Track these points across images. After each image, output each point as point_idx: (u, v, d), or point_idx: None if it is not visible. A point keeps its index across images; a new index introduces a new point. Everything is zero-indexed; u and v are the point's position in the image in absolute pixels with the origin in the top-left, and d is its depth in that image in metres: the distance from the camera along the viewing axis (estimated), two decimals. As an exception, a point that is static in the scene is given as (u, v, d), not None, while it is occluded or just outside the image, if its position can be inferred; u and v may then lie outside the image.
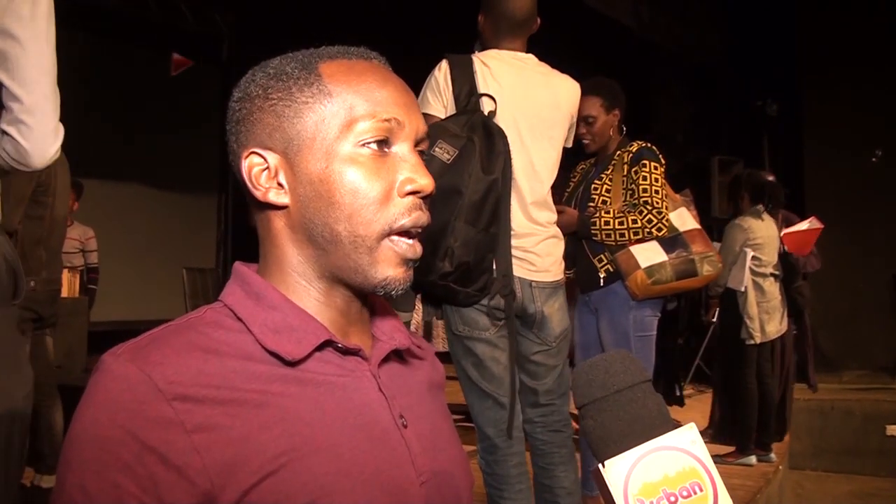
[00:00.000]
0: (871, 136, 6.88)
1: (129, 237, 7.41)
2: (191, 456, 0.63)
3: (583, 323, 3.13)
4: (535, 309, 2.27)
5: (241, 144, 0.77)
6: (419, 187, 0.75)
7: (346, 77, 0.75)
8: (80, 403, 0.66)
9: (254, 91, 0.77)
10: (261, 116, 0.76)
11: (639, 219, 2.82)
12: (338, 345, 0.75)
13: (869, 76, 6.72)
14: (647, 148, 2.95)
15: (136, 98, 7.27)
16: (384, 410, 0.75)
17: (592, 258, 2.96)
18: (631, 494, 0.54)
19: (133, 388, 0.64)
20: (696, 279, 2.95)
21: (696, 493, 0.55)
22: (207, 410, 0.65)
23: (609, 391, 0.58)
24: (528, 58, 2.34)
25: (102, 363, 0.67)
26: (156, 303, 6.96)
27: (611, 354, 0.60)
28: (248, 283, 0.76)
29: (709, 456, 0.56)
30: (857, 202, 6.89)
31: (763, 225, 4.35)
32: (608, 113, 3.02)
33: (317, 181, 0.73)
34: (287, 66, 0.76)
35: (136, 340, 0.69)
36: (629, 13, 6.21)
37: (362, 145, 0.73)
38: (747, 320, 4.28)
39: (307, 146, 0.74)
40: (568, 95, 2.36)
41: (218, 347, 0.70)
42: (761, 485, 3.89)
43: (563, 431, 2.38)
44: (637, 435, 0.56)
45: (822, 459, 6.06)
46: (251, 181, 0.75)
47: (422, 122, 0.78)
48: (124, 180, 7.52)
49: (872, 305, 6.83)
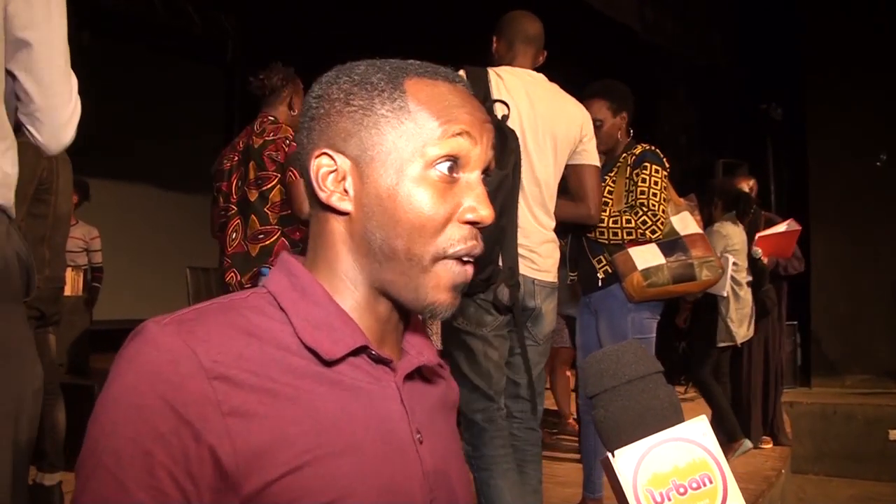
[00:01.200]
0: (875, 140, 6.87)
1: (133, 236, 7.42)
2: (222, 437, 0.63)
3: (583, 324, 3.13)
4: (534, 304, 2.39)
5: (313, 142, 0.77)
6: (479, 218, 0.76)
7: (429, 98, 0.76)
8: (118, 367, 0.66)
9: (335, 94, 0.77)
10: (338, 120, 0.76)
11: (633, 219, 2.84)
12: (371, 352, 0.76)
13: (873, 80, 6.71)
14: (651, 151, 2.95)
15: (141, 98, 7.29)
16: (404, 424, 0.76)
17: (592, 259, 2.97)
18: (640, 485, 0.54)
19: (177, 361, 0.64)
20: (695, 283, 2.95)
21: (706, 485, 0.55)
22: (244, 395, 0.65)
23: (620, 381, 0.58)
24: (539, 76, 2.49)
25: (146, 331, 0.67)
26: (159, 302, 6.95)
27: (623, 345, 0.60)
28: (296, 276, 0.76)
29: (719, 448, 0.56)
30: (861, 206, 6.88)
31: (737, 231, 4.47)
32: (615, 116, 3.02)
33: (384, 196, 0.74)
34: (373, 76, 0.76)
35: (180, 313, 0.70)
36: (633, 15, 6.20)
37: (433, 167, 0.74)
38: (730, 323, 4.37)
39: (380, 159, 0.74)
40: (574, 116, 2.48)
41: (258, 333, 0.70)
42: (763, 488, 3.88)
43: (537, 431, 2.50)
44: (648, 425, 0.56)
45: (824, 464, 6.05)
46: (317, 181, 0.76)
47: (491, 150, 0.79)
48: (128, 180, 7.53)
49: (875, 309, 6.81)
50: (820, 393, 6.69)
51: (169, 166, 7.69)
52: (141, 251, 7.44)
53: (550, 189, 2.44)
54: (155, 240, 7.71)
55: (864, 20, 6.76)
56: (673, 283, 2.87)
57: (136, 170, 7.52)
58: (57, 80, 1.42)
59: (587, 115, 2.54)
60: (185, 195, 8.19)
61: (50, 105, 1.42)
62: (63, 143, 1.47)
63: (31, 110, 1.42)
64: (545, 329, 2.44)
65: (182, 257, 6.94)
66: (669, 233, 2.91)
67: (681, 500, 0.54)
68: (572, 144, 2.47)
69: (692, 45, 7.16)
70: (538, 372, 2.47)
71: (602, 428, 0.58)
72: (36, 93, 1.40)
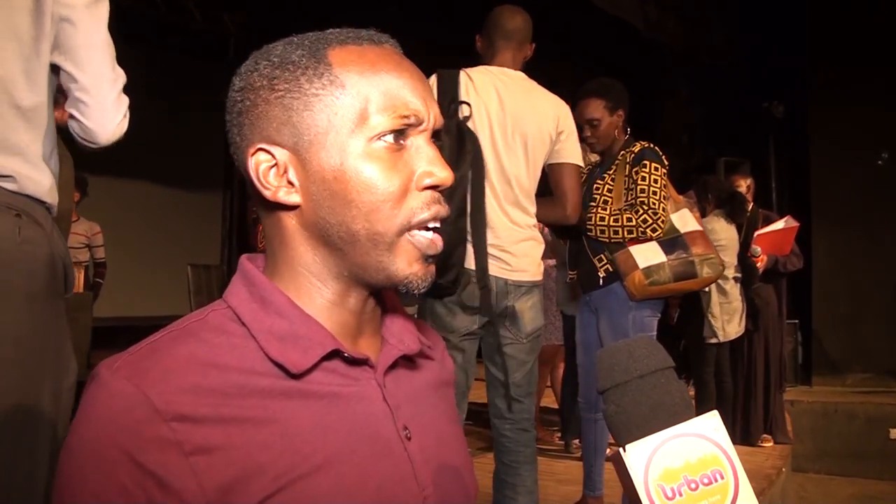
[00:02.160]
0: (877, 138, 6.86)
1: (135, 233, 7.42)
2: (188, 479, 0.61)
3: (584, 322, 3.13)
4: (507, 304, 2.37)
5: (246, 139, 0.72)
6: (438, 181, 0.72)
7: (359, 66, 0.70)
8: (78, 415, 0.64)
9: (258, 81, 0.71)
10: (266, 109, 0.71)
11: (634, 218, 2.83)
12: (345, 354, 0.72)
13: (876, 78, 6.70)
14: (650, 149, 2.95)
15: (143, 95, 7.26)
16: (388, 422, 0.73)
17: (592, 257, 2.97)
18: (651, 479, 0.54)
19: (130, 409, 0.61)
20: (695, 281, 2.95)
21: (718, 481, 0.55)
22: (206, 430, 0.62)
23: (632, 376, 0.57)
24: (516, 74, 2.48)
25: (99, 377, 0.64)
26: (160, 299, 6.97)
27: (635, 339, 0.60)
28: (255, 285, 0.72)
29: (731, 444, 0.56)
30: (863, 204, 6.87)
31: (726, 228, 4.50)
32: (612, 114, 3.01)
33: (330, 179, 0.69)
34: (293, 54, 0.71)
35: (133, 351, 0.66)
36: (636, 14, 6.20)
37: (378, 139, 0.69)
38: (711, 319, 4.43)
39: (319, 141, 0.69)
40: (548, 112, 2.44)
41: (218, 360, 0.66)
42: (764, 487, 3.88)
43: (530, 431, 2.47)
44: (659, 420, 0.55)
45: (824, 462, 6.05)
46: (259, 180, 0.71)
47: (438, 111, 0.74)
48: (130, 177, 7.53)
49: (877, 308, 6.81)
50: (821, 391, 6.69)
51: (171, 164, 7.69)
52: (142, 248, 7.44)
53: (524, 187, 2.41)
54: (156, 237, 7.71)
55: (867, 18, 6.75)
56: (674, 281, 2.87)
57: (138, 167, 7.51)
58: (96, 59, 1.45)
59: (565, 112, 2.49)
60: (186, 192, 8.19)
61: (95, 84, 1.45)
62: (110, 130, 1.49)
63: (75, 94, 1.45)
64: (527, 327, 2.41)
65: (183, 255, 6.96)
66: (669, 230, 2.90)
67: (692, 495, 0.54)
68: (547, 142, 2.44)
69: (694, 43, 7.15)
70: (526, 370, 2.45)
71: (613, 422, 0.57)
72: (79, 74, 1.44)
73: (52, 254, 1.42)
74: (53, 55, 1.43)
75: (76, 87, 1.44)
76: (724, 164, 6.92)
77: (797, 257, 4.94)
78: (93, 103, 1.45)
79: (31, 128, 1.40)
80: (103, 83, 1.46)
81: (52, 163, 1.47)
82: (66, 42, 1.43)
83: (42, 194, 1.42)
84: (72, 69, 1.43)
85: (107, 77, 1.47)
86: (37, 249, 1.39)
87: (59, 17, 1.42)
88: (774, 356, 4.92)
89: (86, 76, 1.44)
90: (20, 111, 1.38)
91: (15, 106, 1.37)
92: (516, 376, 2.43)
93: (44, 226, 1.42)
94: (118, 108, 1.49)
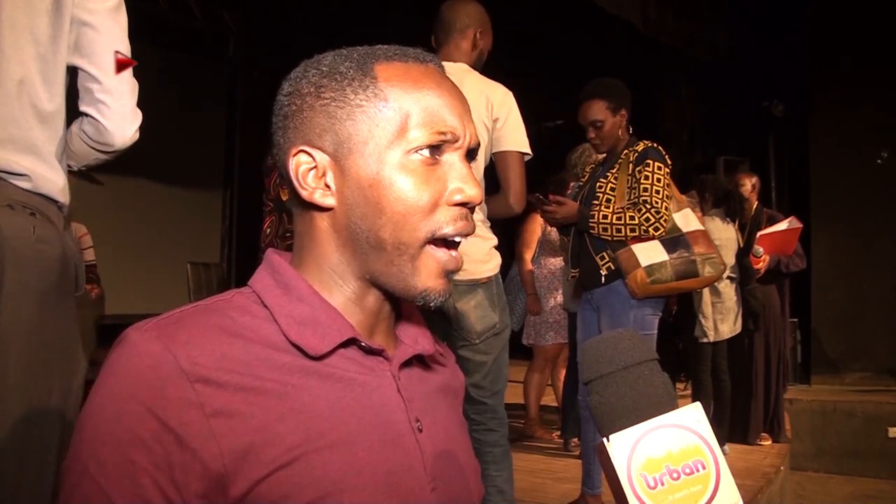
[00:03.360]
0: (877, 138, 6.87)
1: (135, 232, 7.42)
2: (207, 440, 0.63)
3: (585, 320, 3.14)
4: (447, 305, 2.31)
5: (289, 141, 0.76)
6: (468, 198, 0.74)
7: (402, 82, 0.74)
8: (103, 372, 0.66)
9: (305, 88, 0.75)
10: (311, 115, 0.74)
11: (636, 216, 2.84)
12: (361, 343, 0.75)
13: (876, 77, 6.70)
14: (653, 148, 2.95)
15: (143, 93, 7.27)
16: (401, 413, 0.75)
17: (594, 255, 2.97)
18: (634, 469, 0.55)
19: (157, 366, 0.64)
20: (697, 280, 2.95)
21: (699, 471, 0.56)
22: (228, 396, 0.65)
23: (616, 367, 0.58)
24: (455, 66, 2.39)
25: (127, 337, 0.67)
26: (160, 297, 6.96)
27: (619, 332, 0.61)
28: (279, 273, 0.76)
29: (713, 435, 0.57)
30: (862, 203, 6.87)
31: (722, 227, 4.48)
32: (615, 115, 3.02)
33: (366, 186, 0.72)
34: (342, 66, 0.75)
35: (163, 317, 0.69)
36: (636, 13, 6.19)
37: (415, 152, 0.73)
38: (701, 318, 4.45)
39: (358, 150, 0.73)
40: (478, 100, 2.32)
41: (243, 333, 0.69)
42: (762, 485, 3.89)
43: (497, 431, 2.40)
44: (642, 411, 0.56)
45: (823, 461, 6.05)
46: (298, 180, 0.74)
47: (474, 131, 0.77)
48: (130, 175, 7.52)
49: (876, 307, 6.81)
50: (820, 390, 6.69)
51: (171, 161, 7.69)
52: (142, 247, 7.44)
53: None
54: (156, 235, 7.70)
55: (867, 18, 6.75)
56: (676, 280, 2.88)
57: (138, 165, 7.50)
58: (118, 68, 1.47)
59: (500, 98, 2.38)
60: (186, 191, 8.18)
61: (118, 88, 1.47)
62: (128, 135, 1.52)
63: (95, 94, 1.47)
64: (475, 328, 2.34)
65: (183, 253, 6.96)
66: (672, 229, 2.91)
67: (674, 484, 0.55)
68: (482, 131, 2.33)
69: (695, 42, 7.15)
70: (485, 371, 2.37)
71: (597, 413, 0.58)
72: (103, 76, 1.46)
73: (65, 253, 1.44)
74: (73, 57, 1.45)
75: (99, 88, 1.46)
76: (724, 163, 6.93)
77: (800, 258, 4.94)
78: (115, 106, 1.47)
79: (46, 128, 1.41)
80: (125, 88, 1.49)
81: (64, 163, 1.48)
82: (89, 46, 1.45)
83: (55, 193, 1.43)
84: (95, 71, 1.45)
85: (128, 84, 1.50)
86: (50, 248, 1.40)
87: (79, 21, 1.43)
88: (776, 355, 4.92)
89: (110, 79, 1.46)
90: (38, 112, 1.39)
91: (33, 106, 1.39)
92: (476, 378, 2.36)
93: (57, 225, 1.43)
94: (136, 116, 1.52)
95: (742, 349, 4.82)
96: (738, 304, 4.59)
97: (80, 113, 1.50)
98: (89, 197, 5.37)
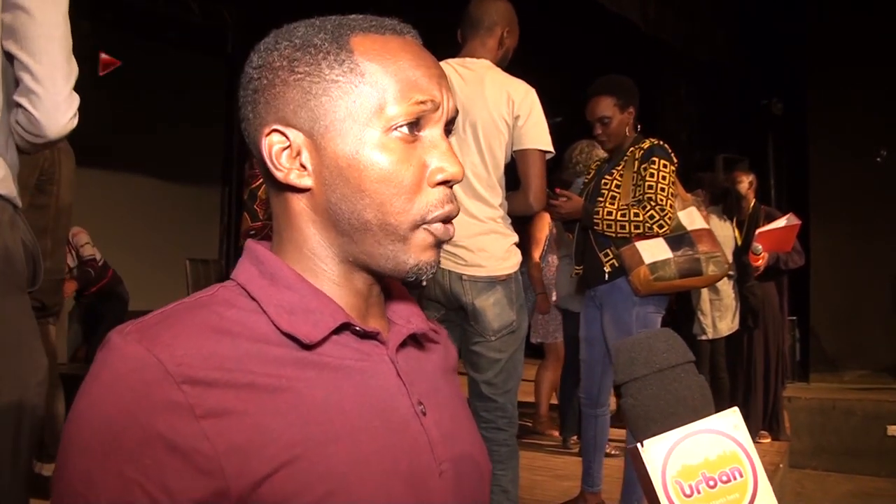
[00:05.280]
0: (876, 136, 6.87)
1: (133, 228, 7.40)
2: (200, 442, 0.60)
3: (588, 317, 3.13)
4: (466, 301, 2.33)
5: (260, 117, 0.72)
6: (450, 175, 0.72)
7: (380, 55, 0.70)
8: (85, 382, 0.63)
9: (277, 61, 0.71)
10: (284, 90, 0.70)
11: (641, 213, 2.84)
12: (356, 328, 0.72)
13: (875, 76, 6.70)
14: (659, 146, 2.95)
15: (141, 90, 7.25)
16: (403, 397, 0.73)
17: (598, 252, 2.97)
18: (669, 476, 0.53)
19: (140, 370, 0.61)
20: (701, 278, 2.95)
21: (736, 479, 0.54)
22: (219, 394, 0.62)
23: (652, 369, 0.57)
24: (478, 62, 2.40)
25: (109, 341, 0.64)
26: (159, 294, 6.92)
27: (655, 332, 0.59)
28: (262, 262, 0.72)
29: (751, 441, 0.55)
30: (861, 201, 6.87)
31: (720, 225, 4.50)
32: (622, 112, 3.01)
33: (344, 166, 0.69)
34: (315, 37, 0.71)
35: (145, 318, 0.66)
36: (636, 11, 6.18)
37: (394, 129, 0.69)
38: (700, 316, 4.44)
39: (335, 128, 0.69)
40: (500, 97, 2.35)
41: (231, 328, 0.66)
42: (763, 483, 3.89)
43: (505, 430, 2.41)
44: (679, 416, 0.55)
45: (822, 459, 6.05)
46: (272, 160, 0.71)
47: (453, 102, 0.74)
48: (128, 171, 7.50)
49: (875, 305, 6.82)
50: (818, 388, 6.69)
51: (169, 158, 7.67)
52: (140, 243, 7.42)
53: (482, 177, 2.35)
54: (155, 232, 7.68)
55: (866, 16, 6.74)
56: (679, 278, 2.88)
57: (136, 161, 7.49)
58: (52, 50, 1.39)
59: (522, 96, 2.38)
60: (185, 187, 8.16)
61: (49, 76, 1.39)
62: (61, 124, 1.43)
63: (27, 83, 1.39)
64: (492, 325, 2.35)
65: (182, 249, 6.94)
66: (676, 227, 2.91)
67: (711, 493, 0.54)
68: (502, 127, 2.35)
69: (694, 40, 7.14)
70: (499, 368, 2.38)
71: (631, 416, 0.57)
72: (34, 64, 1.38)
73: (6, 246, 1.37)
74: (7, 43, 1.38)
75: (29, 77, 1.38)
76: (723, 161, 6.93)
77: (798, 254, 4.94)
78: (46, 96, 1.39)
79: None
80: (58, 75, 1.40)
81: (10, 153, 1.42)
82: (21, 30, 1.37)
83: None
84: (26, 59, 1.38)
85: (62, 69, 1.41)
86: None
87: (12, 5, 1.36)
88: (775, 353, 4.92)
89: (41, 67, 1.38)
90: None
91: None
92: (488, 375, 2.37)
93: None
94: (70, 103, 1.43)
95: (740, 347, 4.83)
96: (737, 302, 4.61)
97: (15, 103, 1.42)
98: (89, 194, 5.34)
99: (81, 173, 5.09)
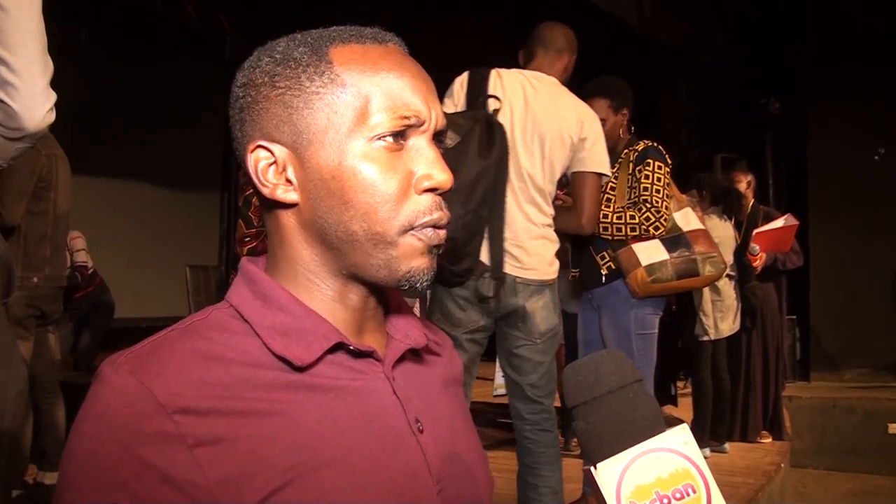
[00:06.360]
0: (874, 135, 6.86)
1: (133, 234, 7.42)
2: (193, 472, 0.60)
3: (586, 320, 3.13)
4: (517, 304, 2.36)
5: (247, 135, 0.72)
6: (437, 183, 0.70)
7: (360, 65, 0.69)
8: (80, 415, 0.64)
9: (259, 77, 0.71)
10: (267, 106, 0.70)
11: (637, 215, 2.83)
12: (349, 347, 0.71)
13: (873, 74, 6.70)
14: (654, 147, 2.95)
15: (140, 95, 7.28)
16: (399, 415, 0.72)
17: (595, 255, 2.97)
18: (623, 497, 0.54)
19: (132, 403, 0.61)
20: (698, 279, 2.95)
21: (689, 495, 0.55)
22: (211, 423, 0.62)
23: (600, 392, 0.57)
24: (548, 78, 2.50)
25: (101, 374, 0.64)
26: (159, 300, 6.96)
27: (602, 354, 0.60)
28: (255, 283, 0.72)
29: (702, 457, 0.56)
30: (859, 200, 6.87)
31: (721, 225, 4.48)
32: (616, 113, 3.01)
33: (328, 178, 0.68)
34: (295, 51, 0.70)
35: (136, 348, 0.66)
36: (632, 10, 6.19)
37: (377, 139, 0.68)
38: (702, 317, 4.44)
39: (318, 140, 0.69)
40: (571, 116, 2.46)
41: (223, 353, 0.66)
42: (763, 482, 3.89)
43: (552, 431, 2.46)
44: (629, 437, 0.56)
45: (823, 457, 6.05)
46: (258, 177, 0.71)
47: (441, 111, 0.73)
48: (127, 178, 7.52)
49: (875, 303, 6.82)
50: (819, 387, 6.69)
51: (169, 163, 7.69)
52: (140, 250, 7.44)
53: (538, 185, 2.42)
54: (154, 238, 7.70)
55: (864, 15, 6.74)
56: (676, 279, 2.88)
57: (136, 167, 7.51)
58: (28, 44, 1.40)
59: (591, 120, 2.50)
60: (184, 193, 8.18)
61: (26, 68, 1.39)
62: (38, 116, 1.43)
63: (3, 76, 1.39)
64: (538, 327, 2.40)
65: (182, 256, 6.96)
66: (672, 229, 2.91)
67: (665, 510, 0.55)
68: (567, 144, 2.44)
69: (691, 39, 7.14)
70: (543, 371, 2.44)
71: (584, 440, 0.57)
72: (10, 56, 1.38)
73: None
74: None
75: (6, 69, 1.38)
76: (721, 161, 6.93)
77: (797, 255, 4.94)
78: (23, 87, 1.39)
79: None
80: (34, 68, 1.40)
81: None
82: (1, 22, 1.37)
83: None
84: (2, 52, 1.38)
85: (38, 62, 1.41)
86: None
87: None
88: (774, 353, 4.92)
89: (17, 59, 1.38)
90: None
91: None
92: (532, 378, 2.42)
93: None
94: (47, 96, 1.43)
95: (740, 347, 4.82)
96: (738, 302, 4.59)
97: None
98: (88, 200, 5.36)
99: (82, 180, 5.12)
